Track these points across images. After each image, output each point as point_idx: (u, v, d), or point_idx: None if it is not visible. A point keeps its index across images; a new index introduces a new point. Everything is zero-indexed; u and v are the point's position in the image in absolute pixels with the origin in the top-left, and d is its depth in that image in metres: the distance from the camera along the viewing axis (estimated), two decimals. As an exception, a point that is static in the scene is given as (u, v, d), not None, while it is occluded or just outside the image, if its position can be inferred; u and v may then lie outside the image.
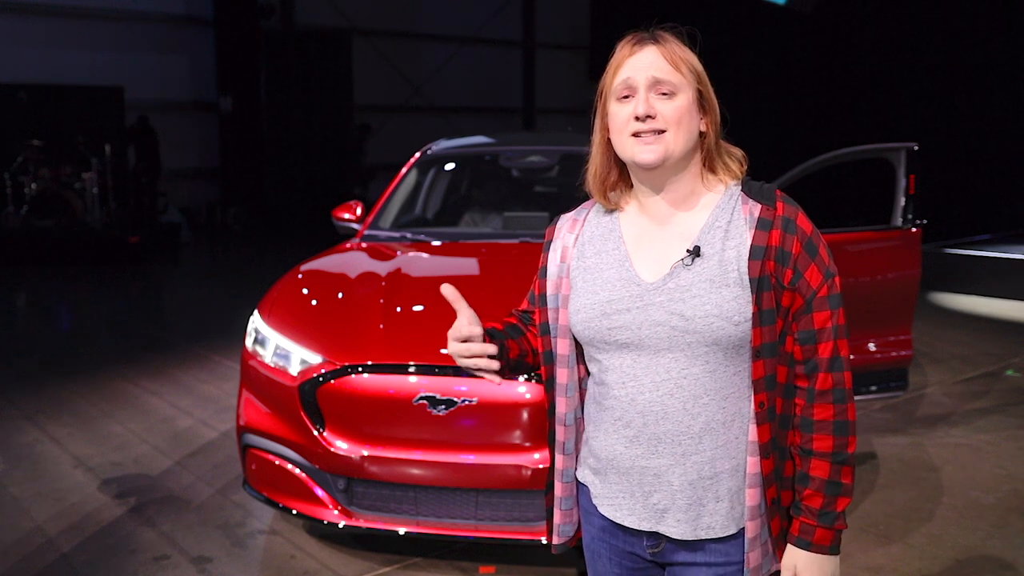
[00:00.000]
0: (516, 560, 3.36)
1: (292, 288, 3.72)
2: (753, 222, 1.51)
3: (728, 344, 1.48)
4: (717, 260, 1.49)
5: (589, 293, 1.57)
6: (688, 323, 1.47)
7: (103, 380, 5.87)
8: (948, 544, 3.50)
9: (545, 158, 4.77)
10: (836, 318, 1.53)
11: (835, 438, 1.52)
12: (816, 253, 1.52)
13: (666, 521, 1.54)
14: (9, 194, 11.47)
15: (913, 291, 4.12)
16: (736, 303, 1.47)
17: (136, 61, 14.66)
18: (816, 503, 1.52)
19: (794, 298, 1.51)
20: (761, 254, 1.48)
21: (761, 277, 1.48)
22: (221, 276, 11.40)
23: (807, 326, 1.52)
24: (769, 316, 1.49)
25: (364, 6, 17.51)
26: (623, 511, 1.58)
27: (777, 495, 1.54)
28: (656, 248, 1.55)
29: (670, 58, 1.50)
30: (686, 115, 1.50)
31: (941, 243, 9.29)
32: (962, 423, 4.95)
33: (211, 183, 15.32)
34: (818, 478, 1.52)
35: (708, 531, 1.53)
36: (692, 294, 1.48)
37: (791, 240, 1.50)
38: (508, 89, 20.52)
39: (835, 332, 1.52)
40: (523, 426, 3.00)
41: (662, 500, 1.53)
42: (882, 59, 11.76)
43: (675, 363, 1.50)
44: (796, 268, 1.50)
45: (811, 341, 1.52)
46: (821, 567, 1.53)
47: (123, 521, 3.76)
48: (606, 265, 1.58)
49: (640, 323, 1.51)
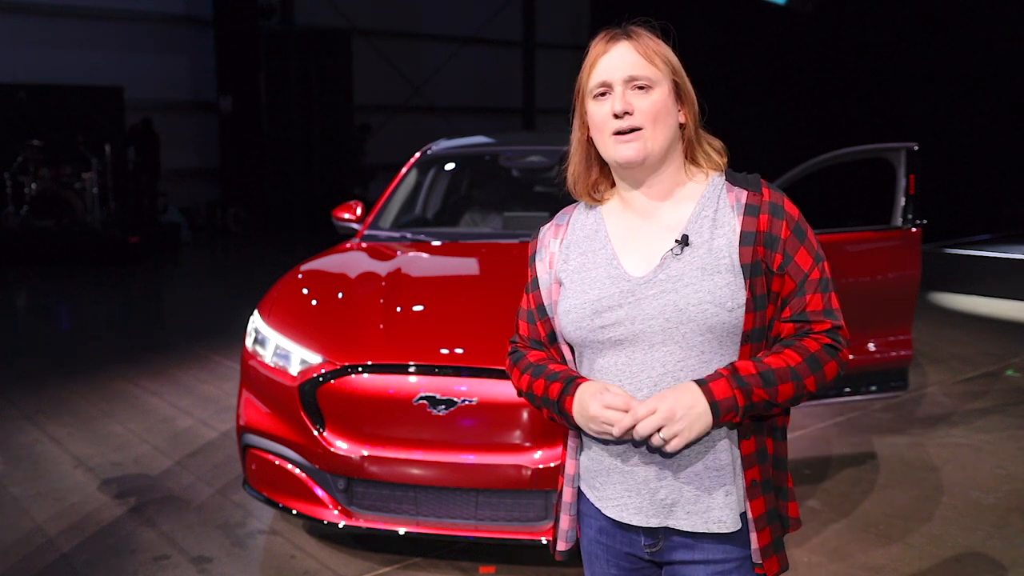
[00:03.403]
0: (516, 560, 3.36)
1: (292, 288, 3.72)
2: (741, 208, 1.51)
3: (722, 331, 1.48)
4: (707, 248, 1.49)
5: (578, 293, 1.56)
6: (682, 313, 1.47)
7: (103, 380, 5.87)
8: (948, 544, 3.50)
9: (545, 158, 4.77)
10: (828, 301, 1.52)
11: (804, 362, 1.48)
12: (805, 237, 1.53)
13: (675, 515, 1.52)
14: (9, 194, 11.46)
15: (913, 291, 4.12)
16: (729, 289, 1.47)
17: (136, 61, 14.66)
18: (746, 368, 1.46)
19: (784, 282, 1.51)
20: (752, 240, 1.49)
21: (753, 263, 1.48)
22: (221, 276, 11.40)
23: (799, 308, 1.52)
24: (761, 301, 1.49)
25: (364, 6, 17.51)
26: (629, 510, 1.55)
27: (761, 477, 1.53)
28: (642, 242, 1.55)
29: (644, 52, 1.51)
30: (663, 109, 1.51)
31: (941, 243, 9.29)
32: (962, 423, 4.95)
33: (211, 183, 15.31)
34: (764, 363, 1.47)
35: (719, 524, 1.51)
36: (684, 283, 1.48)
37: (779, 224, 1.51)
38: (508, 89, 20.51)
39: (827, 314, 1.52)
40: (523, 426, 3.00)
41: (670, 495, 1.52)
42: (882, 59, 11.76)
43: (670, 356, 1.49)
44: (785, 252, 1.50)
45: (804, 320, 1.52)
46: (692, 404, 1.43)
47: (123, 521, 3.76)
48: (593, 264, 1.58)
49: (633, 318, 1.50)
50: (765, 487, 1.53)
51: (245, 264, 12.11)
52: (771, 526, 1.54)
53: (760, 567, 1.55)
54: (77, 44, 14.13)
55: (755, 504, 1.52)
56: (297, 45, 15.46)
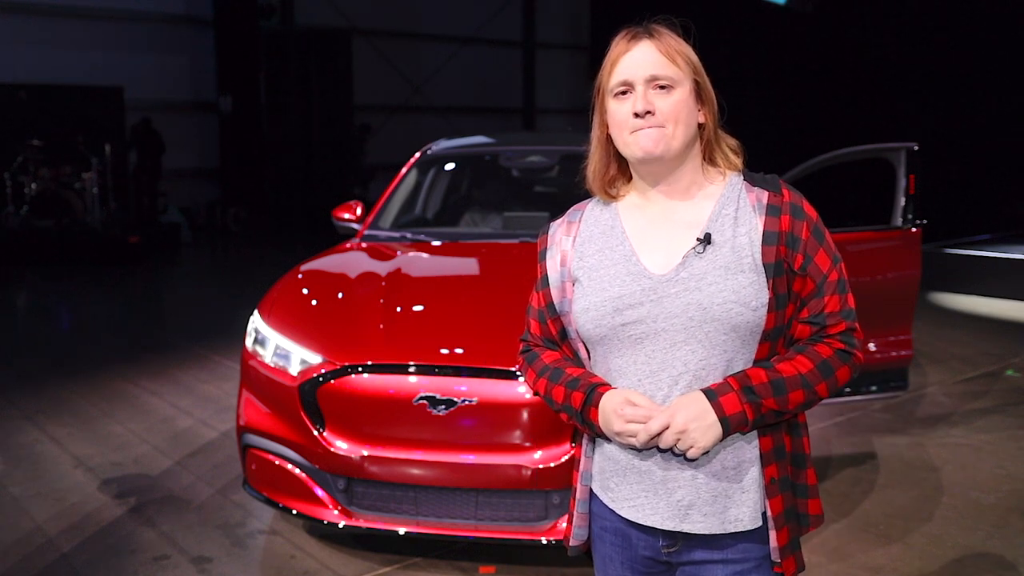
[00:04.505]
0: (516, 560, 3.36)
1: (292, 288, 3.72)
2: (762, 208, 1.52)
3: (746, 330, 1.48)
4: (730, 247, 1.49)
5: (597, 291, 1.55)
6: (706, 312, 1.46)
7: (103, 380, 5.87)
8: (948, 544, 3.50)
9: (545, 158, 4.77)
10: (845, 301, 1.53)
11: (816, 368, 1.49)
12: (823, 238, 1.54)
13: (691, 518, 1.51)
14: (9, 194, 11.46)
15: (913, 291, 4.12)
16: (753, 288, 1.47)
17: (136, 61, 14.65)
18: (757, 377, 1.47)
19: (804, 283, 1.52)
20: (775, 239, 1.49)
21: (776, 263, 1.49)
22: (221, 276, 11.40)
23: (817, 309, 1.52)
24: (782, 301, 1.50)
25: (364, 6, 17.50)
26: (646, 511, 1.54)
27: (779, 474, 1.52)
28: (662, 240, 1.54)
29: (666, 52, 1.50)
30: (684, 109, 1.50)
31: (941, 243, 9.29)
32: (962, 423, 4.95)
33: (211, 183, 15.31)
34: (776, 370, 1.48)
35: (736, 524, 1.50)
36: (708, 282, 1.47)
37: (800, 225, 1.51)
38: (508, 89, 20.51)
39: (845, 315, 1.53)
40: (523, 426, 3.00)
41: (687, 496, 1.50)
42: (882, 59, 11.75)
43: (693, 355, 1.48)
44: (806, 253, 1.51)
45: (821, 323, 1.52)
46: (702, 416, 1.44)
47: (123, 521, 3.76)
48: (611, 261, 1.56)
49: (655, 316, 1.49)
50: (783, 485, 1.53)
51: (245, 264, 12.11)
52: (789, 525, 1.54)
53: (779, 566, 1.54)
54: (77, 44, 14.12)
55: (774, 502, 1.52)
56: (297, 45, 15.46)
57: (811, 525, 1.60)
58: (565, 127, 20.70)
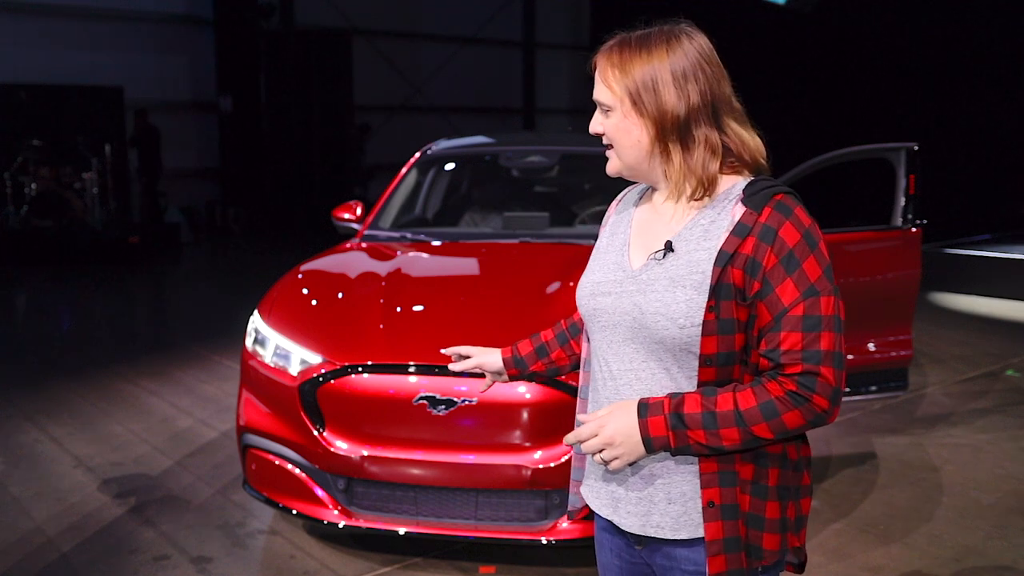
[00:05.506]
0: (516, 560, 3.36)
1: (292, 288, 3.72)
2: (732, 226, 1.44)
3: (673, 346, 1.44)
4: (686, 260, 1.46)
5: (589, 271, 1.63)
6: (642, 317, 1.47)
7: (103, 380, 5.87)
8: (948, 544, 3.50)
9: (545, 158, 4.77)
10: (812, 341, 1.38)
11: (758, 407, 1.38)
12: (796, 268, 1.40)
13: (619, 511, 1.56)
14: (9, 194, 11.46)
15: (913, 291, 4.12)
16: (686, 306, 1.42)
17: (136, 61, 14.64)
18: (692, 406, 1.40)
19: (760, 313, 1.41)
20: (726, 260, 1.41)
21: (725, 284, 1.40)
22: (221, 276, 11.40)
23: (772, 344, 1.40)
24: (727, 326, 1.41)
25: (364, 6, 17.49)
26: (591, 492, 1.63)
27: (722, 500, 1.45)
28: (649, 238, 1.56)
29: (602, 75, 1.52)
30: (618, 131, 1.52)
31: (941, 243, 9.29)
32: (962, 423, 4.95)
33: (211, 183, 15.30)
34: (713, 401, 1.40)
35: (657, 530, 1.51)
36: (652, 289, 1.48)
37: (764, 251, 1.40)
38: (508, 89, 20.50)
39: (807, 356, 1.37)
40: (523, 426, 3.00)
41: (617, 489, 1.56)
42: (882, 59, 11.75)
43: (636, 354, 1.51)
44: (766, 281, 1.40)
45: (775, 360, 1.40)
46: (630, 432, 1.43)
47: (123, 521, 3.76)
48: (615, 248, 1.61)
49: (614, 309, 1.53)
50: (727, 512, 1.44)
51: (245, 264, 12.11)
52: (728, 555, 1.45)
53: None
54: (77, 44, 14.11)
55: (710, 527, 1.45)
56: (297, 45, 15.45)
57: (764, 559, 1.49)
58: (565, 127, 20.75)
